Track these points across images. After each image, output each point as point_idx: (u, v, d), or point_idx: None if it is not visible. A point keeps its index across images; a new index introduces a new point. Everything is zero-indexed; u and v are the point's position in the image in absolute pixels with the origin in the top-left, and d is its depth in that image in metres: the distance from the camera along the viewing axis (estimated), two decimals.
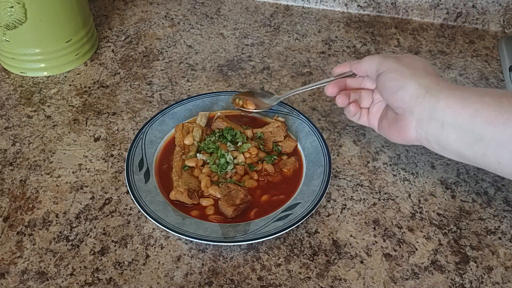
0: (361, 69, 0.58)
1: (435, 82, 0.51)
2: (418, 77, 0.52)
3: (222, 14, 0.92)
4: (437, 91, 0.50)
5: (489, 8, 0.86)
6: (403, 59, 0.55)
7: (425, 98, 0.51)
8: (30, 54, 0.75)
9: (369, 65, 0.57)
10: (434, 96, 0.50)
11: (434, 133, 0.51)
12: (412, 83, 0.52)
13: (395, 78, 0.53)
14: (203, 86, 0.76)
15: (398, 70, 0.54)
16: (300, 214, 0.56)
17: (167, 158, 0.63)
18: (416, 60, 0.55)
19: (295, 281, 0.52)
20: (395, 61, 0.55)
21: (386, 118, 0.58)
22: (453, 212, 0.59)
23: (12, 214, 0.58)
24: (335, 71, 0.62)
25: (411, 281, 0.53)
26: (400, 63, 0.54)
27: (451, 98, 0.49)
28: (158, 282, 0.52)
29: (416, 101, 0.51)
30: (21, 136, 0.68)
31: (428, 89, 0.51)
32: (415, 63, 0.54)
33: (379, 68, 0.56)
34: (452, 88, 0.50)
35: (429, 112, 0.51)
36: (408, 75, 0.53)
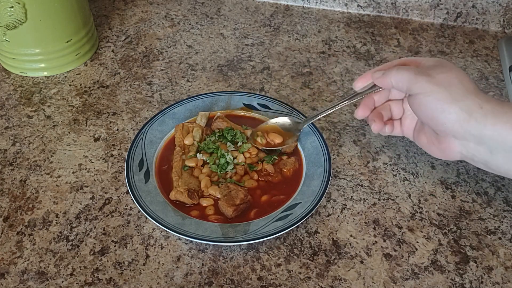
0: (386, 83, 0.54)
1: (478, 105, 0.47)
2: (458, 99, 0.48)
3: (222, 14, 0.92)
4: (482, 116, 0.47)
5: (489, 8, 0.86)
6: (437, 76, 0.50)
7: (470, 123, 0.47)
8: (30, 54, 0.75)
9: (397, 81, 0.52)
10: (480, 122, 0.47)
11: (482, 157, 0.49)
12: (453, 108, 0.48)
13: (432, 103, 0.49)
14: (203, 86, 0.76)
15: (434, 93, 0.49)
16: (300, 214, 0.56)
17: (167, 158, 0.63)
18: (451, 75, 0.50)
19: (295, 281, 0.52)
20: (428, 80, 0.49)
21: (424, 134, 0.54)
22: (453, 212, 0.59)
23: (12, 214, 0.58)
24: (356, 85, 0.57)
25: (411, 281, 0.53)
26: (435, 82, 0.49)
27: (499, 124, 0.46)
28: (158, 282, 0.52)
29: (459, 126, 0.48)
30: (21, 136, 0.68)
31: (471, 113, 0.47)
32: (451, 80, 0.49)
33: (410, 88, 0.51)
34: (497, 111, 0.47)
35: (475, 137, 0.48)
36: (447, 98, 0.48)
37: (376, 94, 0.57)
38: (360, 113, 0.57)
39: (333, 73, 0.79)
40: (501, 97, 0.75)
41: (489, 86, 0.77)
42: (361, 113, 0.57)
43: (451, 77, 0.49)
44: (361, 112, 0.57)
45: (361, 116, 0.57)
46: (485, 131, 0.47)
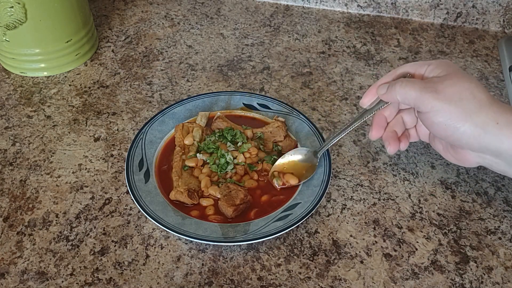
0: (392, 98, 0.51)
1: (493, 119, 0.45)
2: (470, 115, 0.46)
3: (222, 14, 0.92)
4: (498, 131, 0.45)
5: (489, 8, 0.86)
6: (445, 90, 0.47)
7: (485, 139, 0.46)
8: (30, 54, 0.75)
9: (403, 98, 0.50)
10: (496, 138, 0.45)
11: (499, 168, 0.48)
12: (467, 126, 0.46)
13: (444, 121, 0.47)
14: (203, 86, 0.76)
15: (444, 110, 0.46)
16: (300, 214, 0.56)
17: (167, 158, 0.63)
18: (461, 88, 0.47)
19: (295, 281, 0.52)
20: (436, 97, 0.47)
21: (439, 141, 0.53)
22: (453, 212, 0.59)
23: (12, 214, 0.58)
24: (364, 102, 0.55)
25: (411, 281, 0.53)
26: (444, 98, 0.46)
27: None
28: (158, 282, 0.52)
29: (474, 141, 0.46)
30: (21, 136, 0.68)
31: (486, 128, 0.45)
32: (461, 93, 0.46)
33: (418, 106, 0.48)
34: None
35: (492, 152, 0.47)
36: (458, 115, 0.46)
37: (386, 110, 0.54)
38: (375, 134, 0.55)
39: (333, 73, 0.79)
40: (501, 97, 0.75)
41: (489, 86, 0.77)
42: (375, 134, 0.55)
43: (461, 90, 0.46)
44: (375, 133, 0.55)
45: (376, 137, 0.54)
46: (503, 146, 0.45)
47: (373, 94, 0.54)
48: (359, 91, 0.75)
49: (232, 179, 0.60)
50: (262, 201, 0.59)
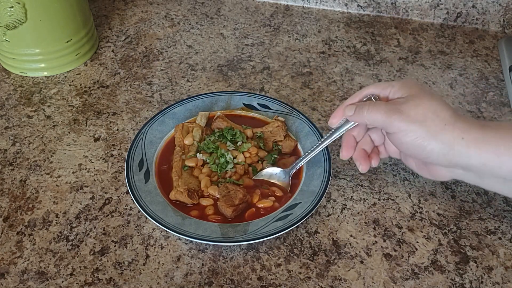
0: (360, 121, 0.53)
1: (458, 136, 0.47)
2: (436, 134, 0.47)
3: (222, 14, 0.92)
4: (465, 147, 0.46)
5: (489, 8, 0.86)
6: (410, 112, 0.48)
7: (454, 155, 0.47)
8: (30, 54, 0.75)
9: (371, 121, 0.51)
10: (464, 154, 0.47)
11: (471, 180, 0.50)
12: (433, 144, 0.47)
13: (411, 141, 0.48)
14: (203, 86, 0.76)
15: (410, 130, 0.48)
16: (300, 214, 0.56)
17: (167, 158, 0.63)
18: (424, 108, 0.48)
19: (295, 281, 0.52)
20: (402, 118, 0.48)
21: (411, 159, 0.54)
22: (453, 212, 0.59)
23: (12, 214, 0.58)
24: (332, 123, 0.56)
25: (411, 281, 0.53)
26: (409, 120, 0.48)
27: (484, 154, 0.46)
28: (158, 282, 0.52)
29: (444, 159, 0.48)
30: (21, 136, 0.68)
31: (452, 146, 0.47)
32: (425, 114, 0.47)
33: (386, 128, 0.50)
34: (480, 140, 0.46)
35: (462, 167, 0.48)
36: (425, 135, 0.47)
37: (354, 129, 0.55)
38: (345, 154, 0.55)
39: (333, 73, 0.79)
40: (501, 97, 0.75)
41: (489, 86, 0.77)
42: (345, 154, 0.55)
43: (425, 110, 0.48)
44: (345, 153, 0.55)
45: (347, 157, 0.56)
46: (471, 161, 0.47)
47: (341, 115, 0.55)
48: None
49: (231, 179, 0.60)
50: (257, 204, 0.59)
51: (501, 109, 0.73)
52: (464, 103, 0.74)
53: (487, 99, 0.75)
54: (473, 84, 0.77)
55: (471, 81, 0.78)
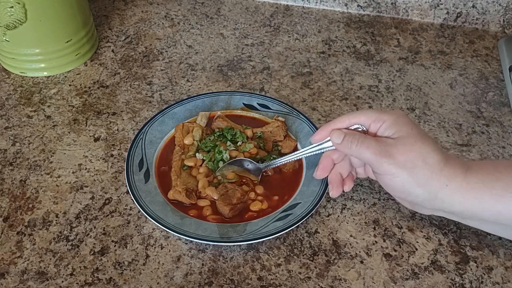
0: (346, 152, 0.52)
1: (443, 183, 0.47)
2: (423, 183, 0.48)
3: (222, 14, 0.92)
4: (448, 196, 0.48)
5: (489, 8, 0.86)
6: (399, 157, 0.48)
7: (437, 203, 0.49)
8: (30, 54, 0.75)
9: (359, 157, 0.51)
10: (447, 202, 0.48)
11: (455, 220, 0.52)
12: (420, 191, 0.48)
13: (398, 186, 0.49)
14: (203, 86, 0.76)
15: (399, 176, 0.48)
16: (300, 214, 0.56)
17: (167, 158, 0.63)
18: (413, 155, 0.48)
19: (295, 281, 0.52)
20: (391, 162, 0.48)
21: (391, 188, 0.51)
22: None
23: (12, 214, 0.58)
24: (315, 139, 0.55)
25: (411, 281, 0.53)
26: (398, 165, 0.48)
27: (466, 202, 0.47)
28: (158, 282, 0.52)
29: (428, 204, 0.49)
30: (21, 136, 0.68)
31: (437, 193, 0.48)
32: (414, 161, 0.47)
33: (374, 167, 0.50)
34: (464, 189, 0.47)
35: (444, 212, 0.51)
36: (412, 183, 0.48)
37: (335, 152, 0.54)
38: (319, 175, 0.55)
39: (333, 73, 0.79)
40: (501, 97, 0.75)
41: (489, 86, 0.77)
42: (320, 174, 0.55)
43: (414, 158, 0.48)
44: (319, 173, 0.55)
45: (320, 176, 0.55)
46: (453, 208, 0.49)
47: (326, 133, 0.54)
48: (359, 91, 0.75)
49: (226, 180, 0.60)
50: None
51: (501, 109, 0.73)
52: (464, 103, 0.74)
53: (487, 99, 0.75)
54: (473, 84, 0.77)
55: (471, 81, 0.78)
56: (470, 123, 0.71)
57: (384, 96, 0.75)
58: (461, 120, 0.71)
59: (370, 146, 0.49)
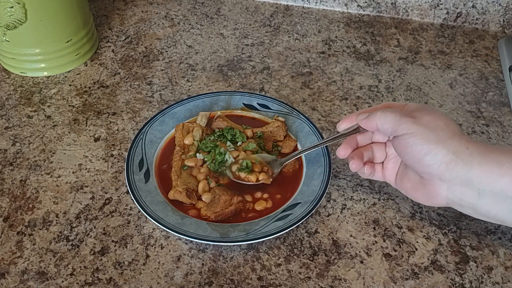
0: (371, 125, 0.53)
1: (464, 145, 0.47)
2: (444, 140, 0.48)
3: (222, 14, 0.92)
4: (468, 156, 0.47)
5: (489, 8, 0.86)
6: (422, 118, 0.49)
7: (457, 164, 0.47)
8: (30, 54, 0.75)
9: (382, 123, 0.51)
10: (466, 163, 0.47)
11: (469, 200, 0.48)
12: (439, 148, 0.47)
13: (418, 143, 0.48)
14: (203, 86, 0.76)
15: (419, 133, 0.48)
16: (300, 214, 0.56)
17: (167, 158, 0.63)
18: (436, 118, 0.49)
19: (295, 281, 0.52)
20: (413, 121, 0.49)
21: (407, 179, 0.53)
22: (453, 212, 0.59)
23: (12, 214, 0.58)
24: (340, 126, 0.56)
25: (411, 281, 0.53)
26: (420, 123, 0.49)
27: (485, 165, 0.46)
28: (158, 282, 0.52)
29: (446, 168, 0.47)
30: (21, 136, 0.68)
31: (457, 154, 0.47)
32: (436, 122, 0.49)
33: (395, 130, 0.50)
34: (483, 152, 0.47)
35: (462, 180, 0.47)
36: (432, 139, 0.48)
37: (359, 135, 0.56)
38: (342, 153, 0.55)
39: (333, 73, 0.79)
40: (501, 97, 0.75)
41: (489, 86, 0.77)
42: (342, 152, 0.55)
43: (437, 120, 0.49)
44: (342, 151, 0.55)
45: (343, 155, 0.55)
46: (472, 172, 0.47)
47: (352, 120, 0.55)
48: (359, 91, 0.75)
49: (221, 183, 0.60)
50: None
51: (501, 109, 0.73)
52: (464, 103, 0.74)
53: (487, 99, 0.75)
54: (473, 84, 0.77)
55: (471, 81, 0.78)
56: (470, 123, 0.71)
57: (384, 96, 0.75)
58: (461, 120, 0.71)
59: (395, 111, 0.51)
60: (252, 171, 0.59)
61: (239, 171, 0.59)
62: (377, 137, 0.56)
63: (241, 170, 0.59)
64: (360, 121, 0.54)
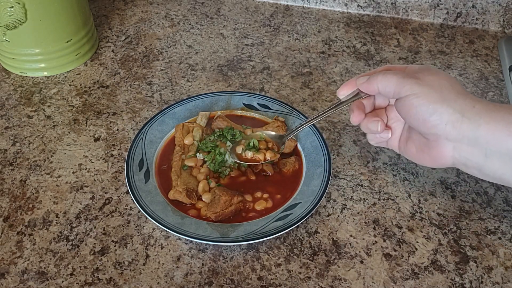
0: (372, 89, 0.51)
1: (471, 104, 0.46)
2: (449, 100, 0.46)
3: (222, 14, 0.92)
4: (475, 115, 0.45)
5: (489, 8, 0.86)
6: (425, 78, 0.48)
7: (463, 123, 0.45)
8: (30, 54, 0.75)
9: (384, 86, 0.50)
10: (473, 122, 0.45)
11: (475, 160, 0.47)
12: (444, 108, 0.46)
13: (423, 104, 0.47)
14: (203, 86, 0.76)
15: (424, 93, 0.47)
16: (300, 214, 0.56)
17: (167, 158, 0.63)
18: (440, 78, 0.48)
19: (295, 281, 0.52)
20: (417, 82, 0.48)
21: (412, 142, 0.52)
22: (453, 212, 0.59)
23: (12, 214, 0.58)
24: (340, 93, 0.54)
25: (411, 281, 0.53)
26: (424, 84, 0.47)
27: (492, 123, 0.45)
28: (158, 282, 0.52)
29: (452, 127, 0.46)
30: (21, 136, 0.68)
31: (464, 113, 0.46)
32: (440, 82, 0.48)
33: (399, 92, 0.49)
34: (491, 110, 0.45)
35: (469, 139, 0.46)
36: (437, 99, 0.46)
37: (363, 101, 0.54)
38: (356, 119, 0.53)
39: (333, 73, 0.79)
40: (501, 97, 0.75)
41: (489, 86, 0.77)
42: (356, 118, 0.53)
43: (441, 80, 0.48)
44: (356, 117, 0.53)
45: (357, 121, 0.53)
46: (479, 131, 0.45)
47: (352, 86, 0.54)
48: None
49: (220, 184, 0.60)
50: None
51: None
52: None
53: (487, 99, 0.75)
54: (473, 84, 0.77)
55: (471, 81, 0.78)
56: None
57: None
58: None
59: (397, 73, 0.50)
60: (259, 149, 0.58)
61: (245, 151, 0.58)
62: (378, 102, 0.55)
63: (247, 150, 0.58)
64: (360, 85, 0.52)
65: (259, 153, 0.58)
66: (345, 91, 0.54)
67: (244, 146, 0.59)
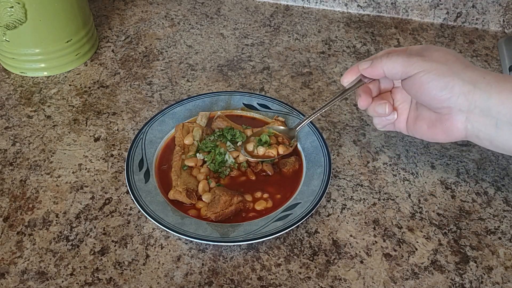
0: (377, 73, 0.51)
1: (480, 75, 0.46)
2: (458, 72, 0.47)
3: (222, 14, 0.92)
4: (486, 85, 0.46)
5: (489, 8, 0.86)
6: (430, 54, 0.48)
7: (475, 94, 0.46)
8: (30, 54, 0.75)
9: (390, 68, 0.50)
10: (485, 92, 0.45)
11: (487, 131, 0.47)
12: (456, 80, 0.46)
13: (433, 79, 0.47)
14: (203, 86, 0.76)
15: (433, 69, 0.47)
16: (300, 214, 0.56)
17: (167, 158, 0.63)
18: (445, 53, 0.49)
19: (295, 281, 0.52)
20: (423, 59, 0.48)
21: (422, 120, 0.52)
22: (453, 212, 0.59)
23: (12, 214, 0.58)
24: (344, 81, 0.55)
25: (411, 281, 0.53)
26: (431, 60, 0.48)
27: (504, 93, 0.45)
28: (158, 282, 0.52)
29: (465, 98, 0.46)
30: (21, 136, 0.68)
31: (475, 84, 0.46)
32: (446, 56, 0.48)
33: (406, 71, 0.49)
34: (501, 80, 0.45)
35: (481, 109, 0.46)
36: (447, 72, 0.47)
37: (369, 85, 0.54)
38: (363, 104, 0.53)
39: (333, 73, 0.79)
40: None
41: None
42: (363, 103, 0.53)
43: (446, 55, 0.48)
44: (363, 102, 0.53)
45: (365, 106, 0.53)
46: (491, 100, 0.46)
47: (355, 72, 0.54)
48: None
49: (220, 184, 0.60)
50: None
51: None
52: None
53: None
54: None
55: None
56: None
57: None
58: None
59: (401, 53, 0.50)
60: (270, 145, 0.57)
61: (257, 147, 0.57)
62: (383, 86, 0.55)
63: (259, 146, 0.57)
64: (364, 70, 0.52)
65: (271, 148, 0.57)
66: (348, 78, 0.55)
67: (256, 143, 0.59)
